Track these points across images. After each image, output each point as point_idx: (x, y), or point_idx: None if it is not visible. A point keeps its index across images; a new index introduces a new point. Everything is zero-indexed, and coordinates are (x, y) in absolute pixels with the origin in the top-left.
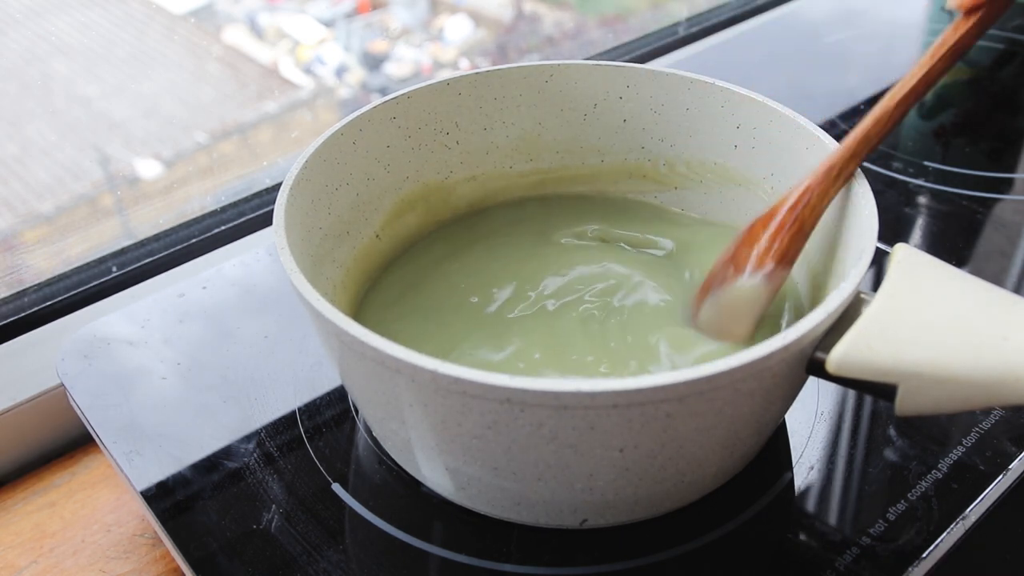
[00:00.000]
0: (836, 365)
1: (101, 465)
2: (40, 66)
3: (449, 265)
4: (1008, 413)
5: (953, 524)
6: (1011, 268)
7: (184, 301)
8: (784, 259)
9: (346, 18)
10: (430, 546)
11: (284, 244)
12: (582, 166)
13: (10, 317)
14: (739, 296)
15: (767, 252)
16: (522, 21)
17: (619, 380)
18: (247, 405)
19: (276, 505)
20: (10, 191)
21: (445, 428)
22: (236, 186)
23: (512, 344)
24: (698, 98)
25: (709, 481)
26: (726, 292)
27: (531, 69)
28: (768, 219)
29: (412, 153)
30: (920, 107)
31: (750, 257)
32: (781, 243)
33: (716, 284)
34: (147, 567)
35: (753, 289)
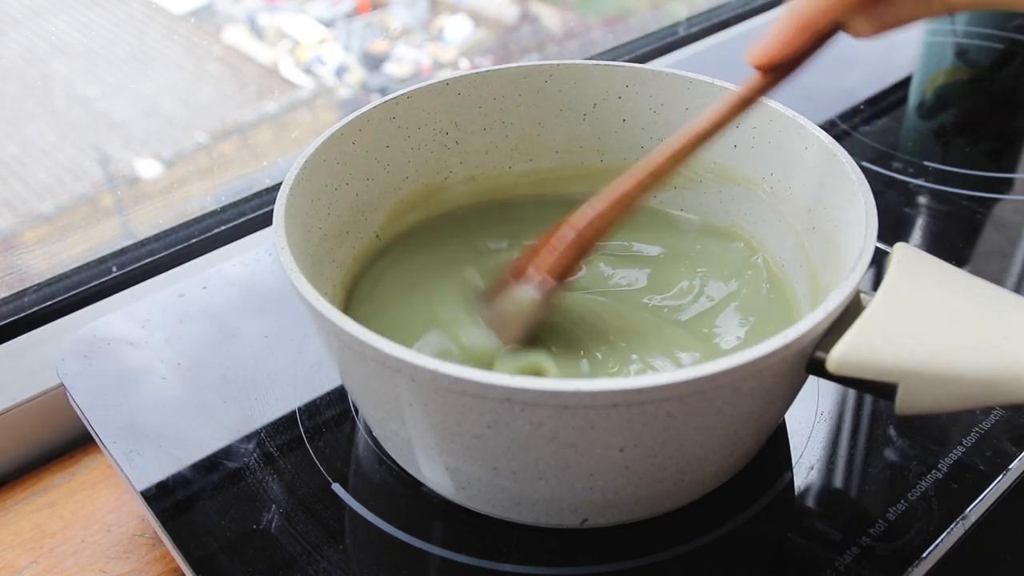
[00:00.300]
0: (836, 364)
1: (101, 465)
2: (40, 66)
3: (449, 265)
4: (1008, 413)
5: (953, 524)
6: (1011, 268)
7: (184, 301)
8: (561, 277)
9: (346, 18)
10: (430, 546)
11: (284, 244)
12: (581, 166)
13: (10, 317)
14: (515, 304)
15: (547, 268)
16: (522, 21)
17: (619, 380)
18: (247, 405)
19: (276, 505)
20: (10, 191)
21: (445, 428)
22: (236, 186)
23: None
24: (698, 98)
25: (709, 480)
26: (506, 298)
27: (530, 69)
28: (554, 235)
29: (412, 153)
30: (920, 107)
31: (531, 271)
32: (560, 262)
33: (500, 288)
34: (147, 567)
35: (529, 301)
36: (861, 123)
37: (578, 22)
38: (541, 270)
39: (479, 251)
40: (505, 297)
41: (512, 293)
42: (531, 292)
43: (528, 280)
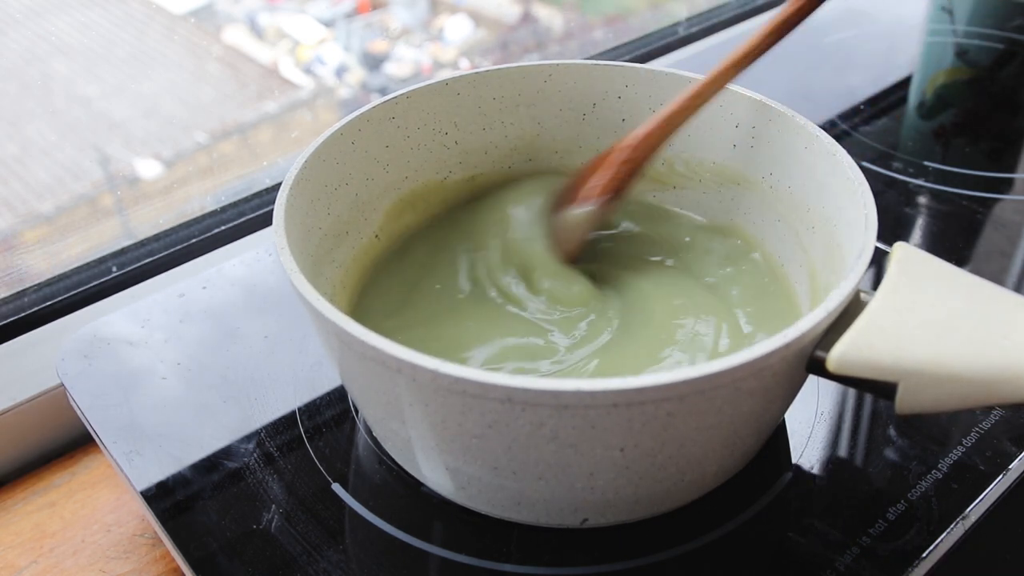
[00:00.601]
0: (836, 363)
1: (101, 465)
2: (40, 66)
3: (449, 265)
4: (1008, 413)
5: (953, 524)
6: (1011, 268)
7: (184, 301)
8: (615, 193)
9: (346, 18)
10: (430, 546)
11: (284, 244)
12: (581, 166)
13: (10, 317)
14: (574, 218)
15: (602, 186)
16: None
17: (619, 379)
18: (247, 405)
19: (276, 505)
20: (10, 191)
21: (445, 428)
22: (236, 186)
23: (512, 343)
24: None
25: (709, 480)
26: (565, 214)
27: (530, 69)
28: (607, 157)
29: (411, 153)
30: (920, 107)
31: (587, 189)
32: (614, 178)
33: (561, 207)
34: (147, 567)
35: (585, 214)
36: (861, 123)
37: (578, 22)
38: (596, 188)
39: (479, 251)
40: (564, 213)
41: (571, 209)
42: (587, 206)
43: (585, 198)
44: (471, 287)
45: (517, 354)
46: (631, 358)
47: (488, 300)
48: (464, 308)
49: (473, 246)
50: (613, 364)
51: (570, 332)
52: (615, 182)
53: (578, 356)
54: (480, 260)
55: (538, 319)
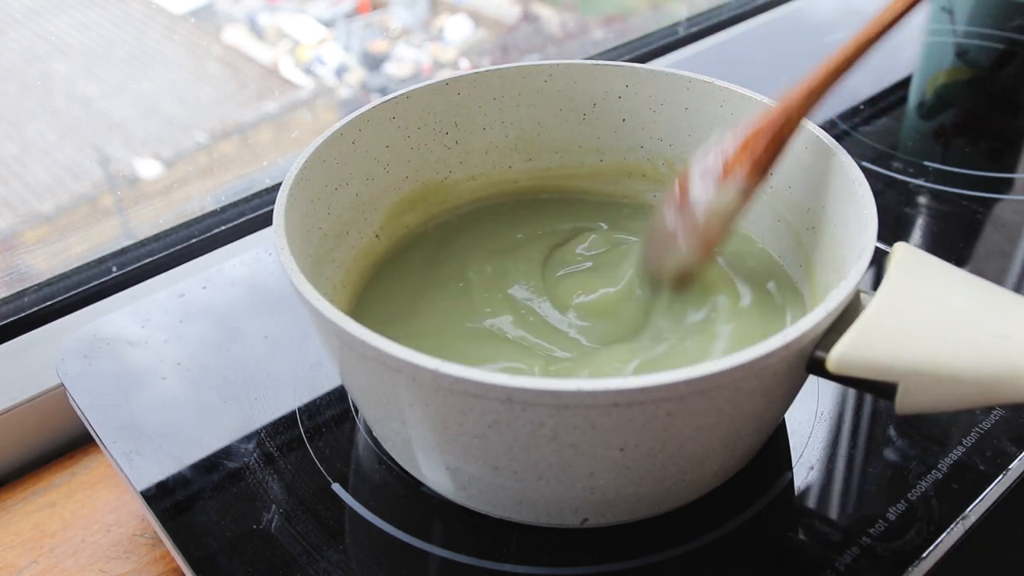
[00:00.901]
0: (836, 364)
1: (101, 465)
2: (40, 66)
3: (449, 265)
4: (1008, 413)
5: (953, 524)
6: (1011, 268)
7: (184, 301)
8: (763, 170)
9: (346, 18)
10: (430, 546)
11: (284, 244)
12: (581, 166)
13: (10, 317)
14: (717, 202)
15: (748, 163)
16: (522, 21)
17: (620, 379)
18: (247, 405)
19: (276, 505)
20: (10, 191)
21: (445, 428)
22: (236, 186)
23: (513, 342)
24: (697, 98)
25: (709, 480)
26: (701, 199)
27: (530, 69)
28: (746, 132)
29: (411, 153)
30: (920, 107)
31: (724, 168)
32: (763, 153)
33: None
34: (147, 567)
35: (731, 196)
36: (861, 123)
37: (578, 22)
38: (738, 165)
39: (479, 251)
40: (699, 199)
41: (709, 192)
42: (730, 188)
43: (722, 177)
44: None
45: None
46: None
47: (491, 305)
48: (466, 309)
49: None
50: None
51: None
52: (765, 156)
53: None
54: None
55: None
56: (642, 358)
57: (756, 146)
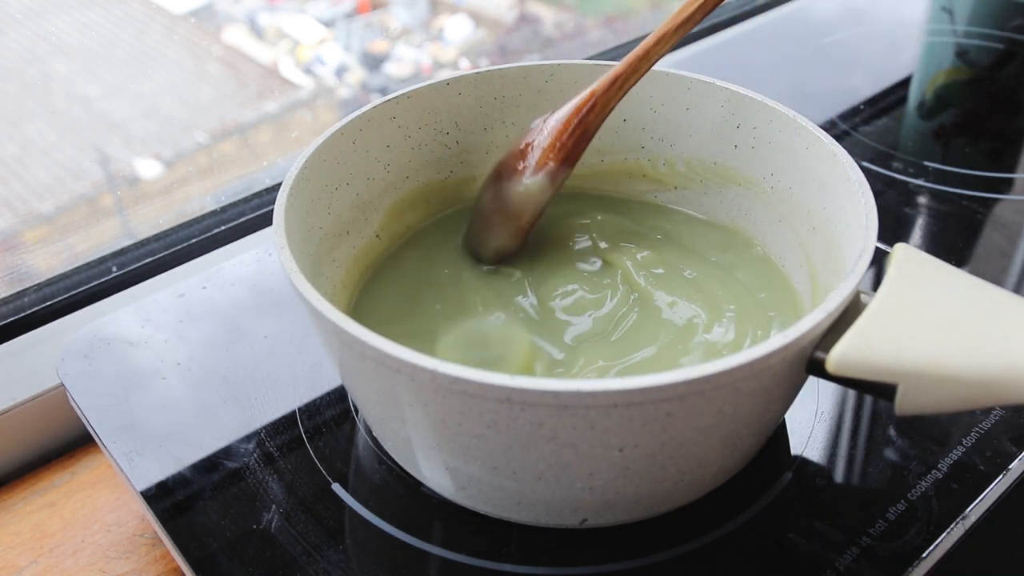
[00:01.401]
0: (836, 364)
1: (101, 465)
2: (40, 66)
3: (449, 265)
4: (1008, 413)
5: (953, 524)
6: (1011, 268)
7: (184, 301)
8: (567, 160)
9: (346, 18)
10: (430, 546)
11: (284, 244)
12: (582, 166)
13: (10, 317)
14: (525, 191)
15: (551, 151)
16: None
17: (619, 380)
18: (247, 405)
19: (276, 505)
20: (10, 191)
21: (445, 427)
22: (236, 186)
23: (513, 342)
24: (698, 98)
25: (709, 481)
26: (513, 185)
27: (531, 69)
28: (555, 120)
29: (412, 153)
30: (920, 107)
31: (536, 155)
32: (565, 145)
33: (506, 175)
34: (147, 567)
35: (537, 186)
36: (861, 123)
37: (578, 22)
38: (547, 157)
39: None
40: (514, 186)
41: (522, 183)
42: (541, 179)
43: (533, 168)
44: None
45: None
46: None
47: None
48: (467, 309)
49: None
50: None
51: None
52: (567, 147)
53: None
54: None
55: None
56: (625, 362)
57: (565, 140)
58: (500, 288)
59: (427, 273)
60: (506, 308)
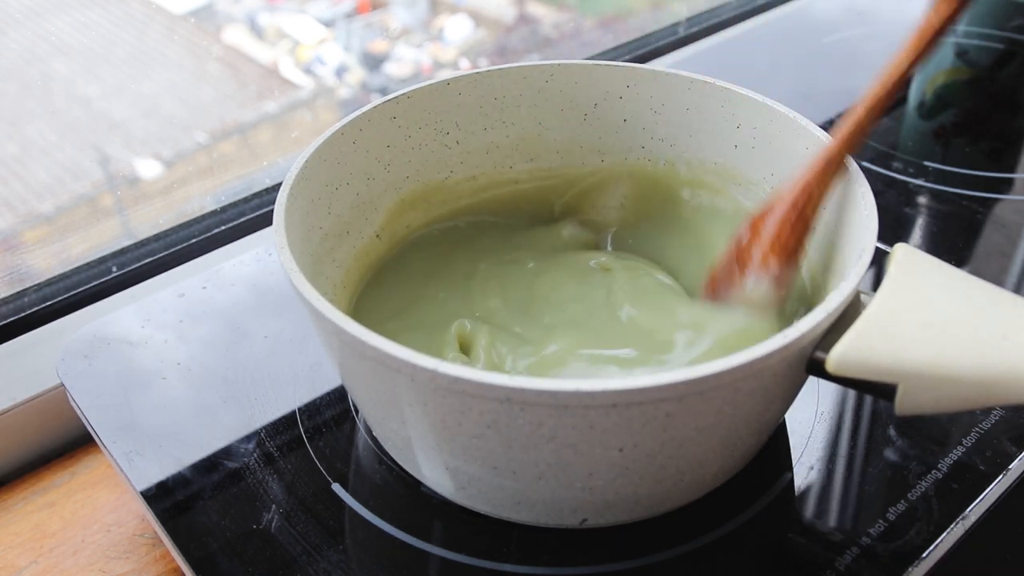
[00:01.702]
0: (836, 365)
1: (101, 465)
2: (40, 66)
3: (449, 265)
4: (1008, 413)
5: (953, 524)
6: (1011, 268)
7: (184, 301)
8: (790, 256)
9: (346, 18)
10: (430, 546)
11: (284, 244)
12: (582, 166)
13: (10, 317)
14: (749, 299)
15: (774, 253)
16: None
17: (619, 380)
18: (247, 405)
19: (276, 505)
20: (10, 191)
21: (445, 427)
22: (236, 186)
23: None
24: (698, 98)
25: (709, 481)
26: (735, 293)
27: (531, 69)
28: (769, 216)
29: (412, 153)
30: (920, 107)
31: (755, 259)
32: (788, 242)
33: (723, 287)
34: (147, 567)
35: (761, 293)
36: None
37: (578, 22)
38: (765, 255)
39: (480, 251)
40: (731, 293)
41: (739, 287)
42: (761, 283)
43: (752, 270)
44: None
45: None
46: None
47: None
48: (467, 309)
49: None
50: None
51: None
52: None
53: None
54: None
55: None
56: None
57: (785, 237)
58: (503, 289)
59: (428, 273)
60: (509, 308)
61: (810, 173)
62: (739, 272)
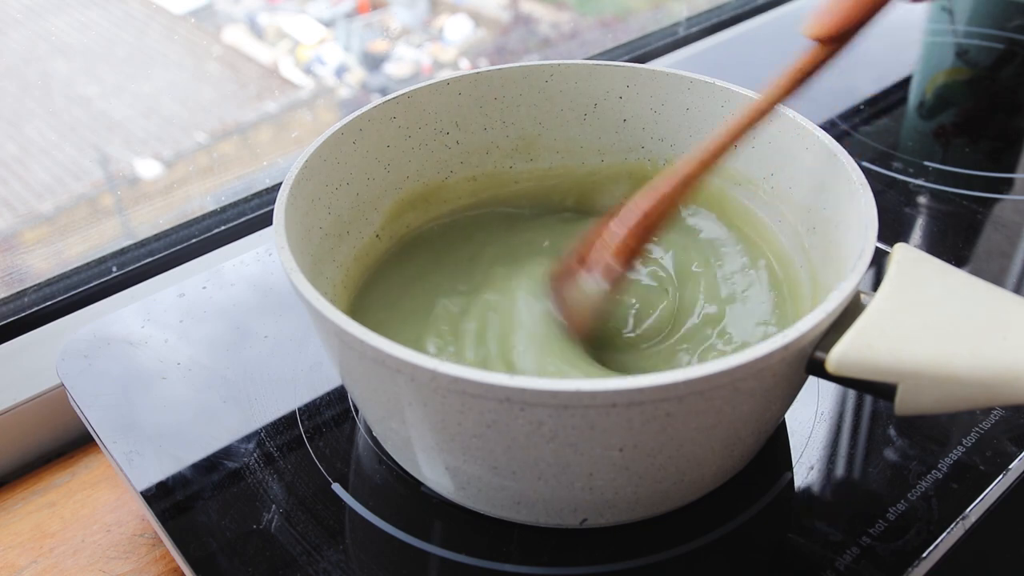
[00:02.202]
0: (836, 364)
1: (101, 465)
2: (40, 66)
3: (449, 265)
4: (1008, 413)
5: (953, 524)
6: (1011, 268)
7: (184, 301)
8: (629, 263)
9: (346, 18)
10: (430, 546)
11: (284, 244)
12: (582, 166)
13: (10, 317)
14: (582, 294)
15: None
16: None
17: (619, 379)
18: (247, 405)
19: (276, 505)
20: (10, 191)
21: (445, 427)
22: (236, 186)
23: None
24: (698, 98)
25: (709, 481)
26: (574, 287)
27: (531, 69)
28: (615, 219)
29: (412, 153)
30: (920, 107)
31: (598, 259)
32: (627, 245)
33: (566, 277)
34: (147, 567)
35: (596, 290)
36: (861, 123)
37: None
38: (606, 256)
39: (480, 251)
40: (571, 287)
41: (578, 283)
42: (597, 280)
43: (593, 268)
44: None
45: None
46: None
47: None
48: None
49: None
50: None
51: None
52: (628, 248)
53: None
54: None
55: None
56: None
57: (632, 245)
58: (503, 288)
59: (428, 273)
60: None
61: (668, 185)
62: (583, 269)
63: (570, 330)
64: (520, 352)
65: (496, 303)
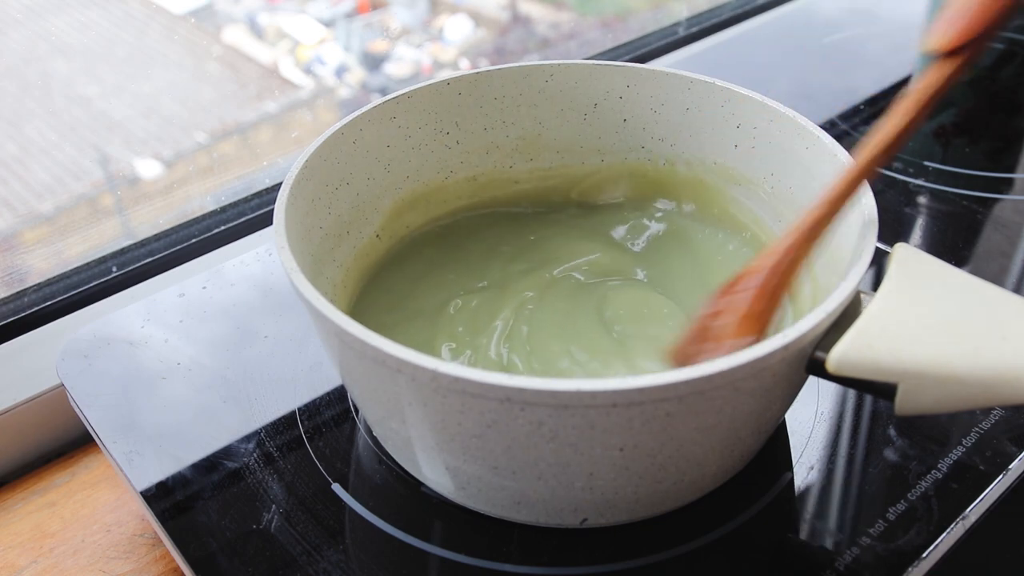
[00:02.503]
0: (836, 364)
1: (101, 465)
2: (40, 66)
3: (449, 265)
4: (1008, 413)
5: (953, 524)
6: (1011, 268)
7: (184, 301)
8: (762, 329)
9: (346, 18)
10: (430, 546)
11: (284, 244)
12: (582, 166)
13: (10, 317)
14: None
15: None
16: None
17: (619, 379)
18: (247, 405)
19: (276, 505)
20: (10, 191)
21: (445, 427)
22: (236, 186)
23: (511, 341)
24: (698, 98)
25: (709, 481)
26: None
27: (531, 69)
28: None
29: (412, 153)
30: None
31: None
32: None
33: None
34: (147, 567)
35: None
36: (861, 123)
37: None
38: (737, 327)
39: (480, 251)
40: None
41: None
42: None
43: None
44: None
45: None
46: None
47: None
48: (467, 309)
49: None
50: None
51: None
52: (759, 315)
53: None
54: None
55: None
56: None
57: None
58: (503, 288)
59: (428, 273)
60: (509, 308)
61: (787, 241)
62: (710, 346)
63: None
64: (556, 352)
65: (522, 301)
